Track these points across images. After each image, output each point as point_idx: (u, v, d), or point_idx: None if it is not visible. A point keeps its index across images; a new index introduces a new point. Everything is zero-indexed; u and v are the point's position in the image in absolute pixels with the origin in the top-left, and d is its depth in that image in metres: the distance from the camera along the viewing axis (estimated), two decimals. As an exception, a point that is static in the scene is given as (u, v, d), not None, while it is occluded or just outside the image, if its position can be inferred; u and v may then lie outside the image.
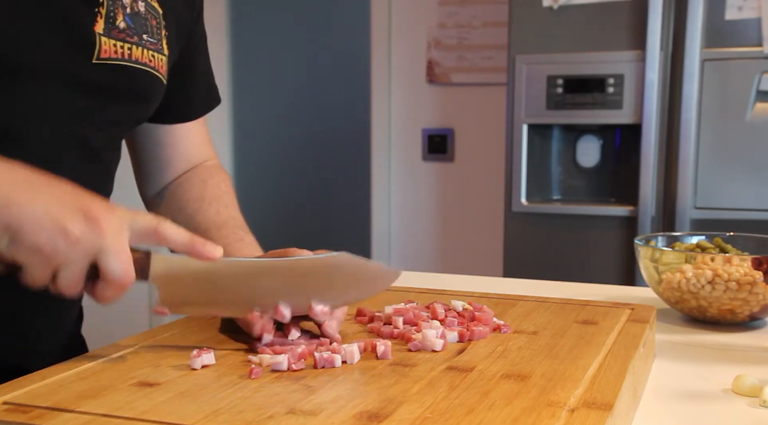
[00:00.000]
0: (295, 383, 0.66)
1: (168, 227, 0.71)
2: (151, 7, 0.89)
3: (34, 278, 0.66)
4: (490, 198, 3.02)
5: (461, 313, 0.86)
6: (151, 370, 0.69)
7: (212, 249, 0.72)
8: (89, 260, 0.66)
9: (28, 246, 0.64)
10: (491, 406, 0.60)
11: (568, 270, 2.35)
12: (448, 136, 3.12)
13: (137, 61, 0.86)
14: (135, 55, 0.86)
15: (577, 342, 0.79)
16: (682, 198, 2.22)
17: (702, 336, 1.03)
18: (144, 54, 0.87)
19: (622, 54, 2.25)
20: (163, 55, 0.91)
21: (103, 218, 0.66)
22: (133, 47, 0.85)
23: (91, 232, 0.65)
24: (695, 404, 0.77)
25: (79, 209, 0.66)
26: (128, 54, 0.85)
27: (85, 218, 0.65)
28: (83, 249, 0.65)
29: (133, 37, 0.85)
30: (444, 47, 3.07)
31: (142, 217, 0.70)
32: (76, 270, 0.66)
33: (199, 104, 1.07)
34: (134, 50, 0.86)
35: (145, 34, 0.87)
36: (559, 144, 2.49)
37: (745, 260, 1.03)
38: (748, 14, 2.12)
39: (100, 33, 0.82)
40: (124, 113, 0.89)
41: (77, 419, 0.58)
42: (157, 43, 0.90)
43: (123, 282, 0.67)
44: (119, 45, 0.84)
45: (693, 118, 2.19)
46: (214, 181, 1.04)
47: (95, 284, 0.68)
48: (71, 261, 0.65)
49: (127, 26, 0.85)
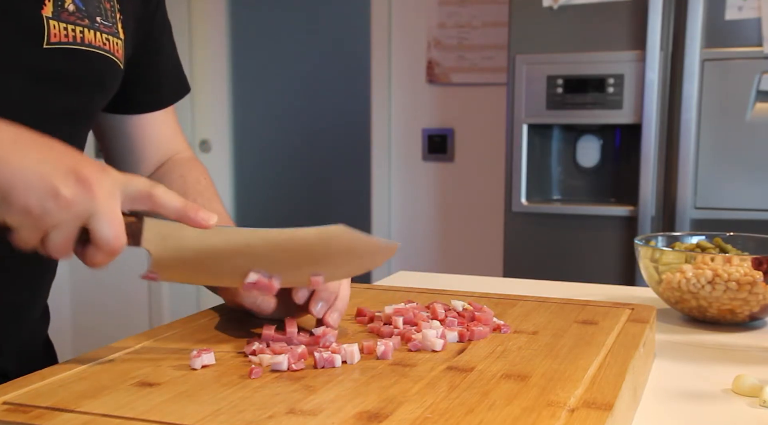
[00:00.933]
0: (295, 383, 0.66)
1: (162, 192, 0.68)
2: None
3: (24, 240, 0.64)
4: (490, 198, 3.02)
5: (461, 313, 0.86)
6: (151, 370, 0.69)
7: (206, 216, 0.69)
8: (80, 223, 0.64)
9: (18, 207, 0.62)
10: (491, 406, 0.60)
11: (568, 270, 2.35)
12: (448, 136, 3.12)
13: (90, 44, 0.83)
14: (88, 38, 0.83)
15: (577, 342, 0.79)
16: (682, 198, 2.22)
17: (702, 336, 1.03)
18: (97, 37, 0.84)
19: (622, 54, 2.25)
20: (119, 39, 0.88)
21: (96, 180, 0.64)
22: (85, 30, 0.82)
23: (82, 195, 0.63)
24: (695, 404, 0.77)
25: (71, 170, 0.64)
26: (80, 37, 0.82)
27: (76, 180, 0.63)
28: (74, 212, 0.63)
29: (84, 20, 0.82)
30: (444, 47, 3.07)
31: (136, 181, 0.68)
32: (66, 234, 0.64)
33: (166, 92, 1.04)
34: (86, 33, 0.83)
35: (99, 16, 0.84)
36: (559, 144, 2.49)
37: (745, 260, 1.03)
38: (748, 14, 2.12)
39: (49, 16, 0.79)
40: (81, 100, 0.87)
41: (77, 419, 0.58)
42: (112, 27, 0.87)
43: (114, 246, 0.65)
44: (70, 28, 0.81)
45: (693, 118, 2.19)
46: (193, 176, 1.01)
47: (86, 248, 0.66)
48: (61, 224, 0.63)
49: (77, 8, 0.82)
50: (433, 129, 3.14)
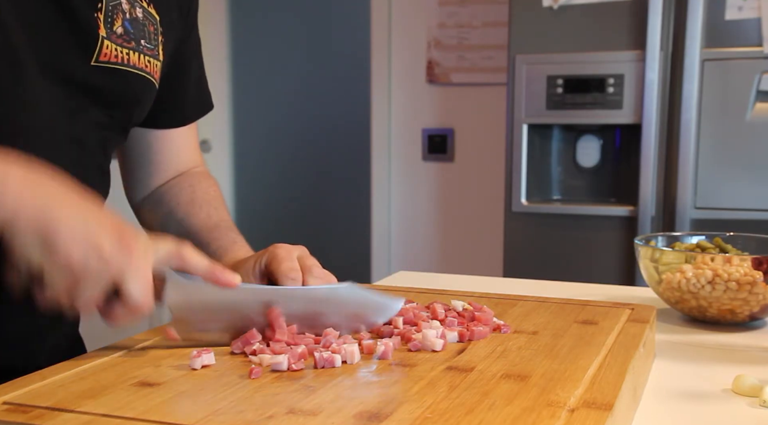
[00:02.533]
0: (295, 383, 0.66)
1: (190, 252, 0.73)
2: (149, 14, 0.90)
3: (54, 290, 0.67)
4: (490, 198, 3.02)
5: (461, 313, 0.86)
6: (151, 370, 0.69)
7: (231, 277, 0.74)
8: (112, 281, 0.67)
9: (61, 257, 0.65)
10: (491, 406, 0.60)
11: (568, 270, 2.35)
12: (448, 136, 3.12)
13: (135, 65, 0.87)
14: (132, 60, 0.87)
15: (577, 342, 0.79)
16: (682, 198, 2.22)
17: (702, 336, 1.03)
18: (141, 59, 0.88)
19: (622, 54, 2.25)
20: (158, 61, 0.92)
21: (134, 242, 0.68)
22: (131, 52, 0.86)
23: (121, 253, 0.67)
24: (695, 404, 0.77)
25: (113, 229, 0.67)
26: (126, 59, 0.86)
27: (119, 240, 0.67)
28: (111, 268, 0.66)
29: (131, 42, 0.86)
30: (444, 47, 3.07)
31: (165, 243, 0.72)
32: (98, 290, 0.67)
33: (191, 110, 1.07)
34: (132, 55, 0.87)
35: (143, 39, 0.88)
36: (559, 144, 2.49)
37: (745, 260, 1.03)
38: (748, 14, 2.12)
39: (104, 36, 0.83)
40: (117, 115, 0.90)
41: (77, 419, 0.58)
42: (154, 49, 0.90)
43: (141, 306, 0.68)
44: (119, 49, 0.85)
45: (693, 118, 2.19)
46: (202, 186, 1.05)
47: (110, 306, 0.69)
48: (96, 279, 0.66)
49: (125, 31, 0.86)
50: (433, 129, 3.14)
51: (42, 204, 0.66)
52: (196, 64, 1.06)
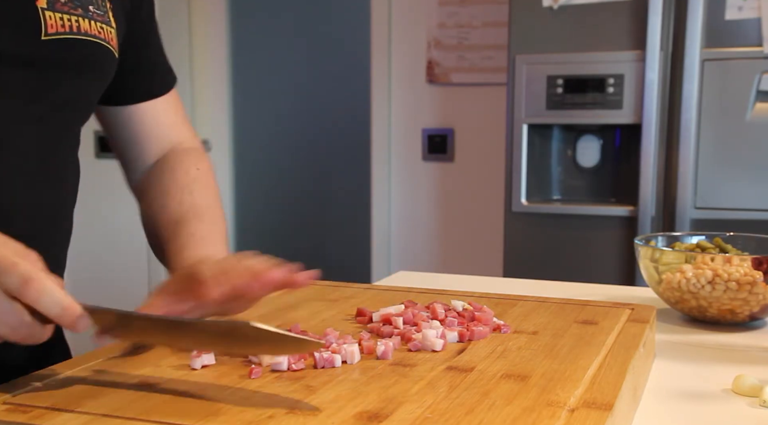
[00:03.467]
0: (295, 383, 0.66)
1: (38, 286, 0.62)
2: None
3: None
4: (490, 198, 3.02)
5: (461, 313, 0.86)
6: (151, 370, 0.69)
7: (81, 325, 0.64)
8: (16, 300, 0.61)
9: None
10: (491, 406, 0.60)
11: (568, 270, 2.35)
12: (448, 136, 3.11)
13: (86, 33, 0.83)
14: (83, 27, 0.83)
15: (577, 342, 0.79)
16: (682, 198, 2.22)
17: (702, 336, 1.03)
18: (92, 26, 0.84)
19: (622, 54, 2.25)
20: (111, 27, 0.88)
21: None
22: (80, 19, 0.82)
23: None
24: (695, 404, 0.77)
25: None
26: (76, 27, 0.82)
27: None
28: None
29: (77, 9, 0.82)
30: (444, 47, 3.07)
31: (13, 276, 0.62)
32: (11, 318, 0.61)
33: (156, 83, 1.03)
34: (81, 22, 0.82)
35: (91, 5, 0.85)
36: (559, 144, 2.49)
37: (745, 260, 1.03)
38: (748, 14, 2.12)
39: (44, 7, 0.79)
40: (80, 88, 0.86)
41: (77, 419, 0.58)
42: (104, 15, 0.87)
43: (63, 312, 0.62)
44: (66, 18, 0.81)
45: (693, 118, 2.19)
46: (183, 167, 0.98)
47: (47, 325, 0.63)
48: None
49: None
50: (433, 129, 3.14)
51: None
52: (153, 36, 1.03)
